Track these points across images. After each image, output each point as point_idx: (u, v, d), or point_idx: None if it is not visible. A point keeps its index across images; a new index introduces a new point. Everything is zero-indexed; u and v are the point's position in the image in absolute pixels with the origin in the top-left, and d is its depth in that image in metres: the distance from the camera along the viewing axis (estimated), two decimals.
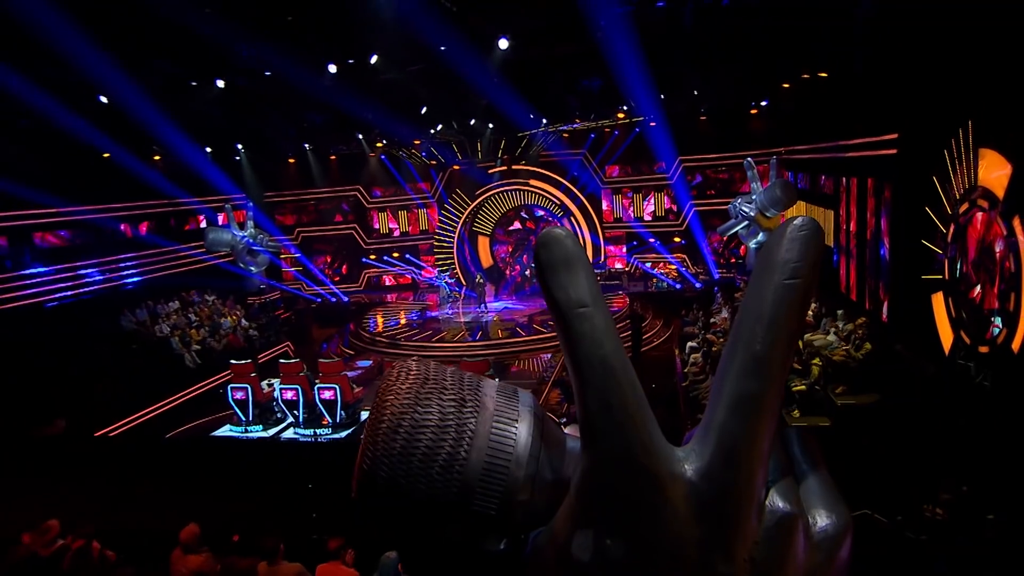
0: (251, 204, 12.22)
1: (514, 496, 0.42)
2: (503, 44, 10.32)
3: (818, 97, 12.44)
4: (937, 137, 7.55)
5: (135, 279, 15.33)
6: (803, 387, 8.41)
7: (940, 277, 7.77)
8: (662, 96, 13.92)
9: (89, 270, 14.23)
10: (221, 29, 8.61)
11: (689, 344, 11.51)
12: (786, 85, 13.48)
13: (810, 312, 9.63)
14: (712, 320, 12.46)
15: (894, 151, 8.73)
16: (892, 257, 9.15)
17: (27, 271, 12.92)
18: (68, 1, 7.34)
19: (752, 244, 14.03)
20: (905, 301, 8.77)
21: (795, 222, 0.40)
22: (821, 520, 0.40)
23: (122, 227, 15.43)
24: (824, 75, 11.43)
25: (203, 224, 17.00)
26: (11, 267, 12.73)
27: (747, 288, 0.41)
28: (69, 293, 13.67)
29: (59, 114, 10.90)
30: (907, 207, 8.51)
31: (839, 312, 9.81)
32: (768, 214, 13.20)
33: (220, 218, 15.21)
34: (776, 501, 0.39)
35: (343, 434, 9.85)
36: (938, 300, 7.88)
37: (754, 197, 13.33)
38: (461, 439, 0.42)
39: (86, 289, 14.12)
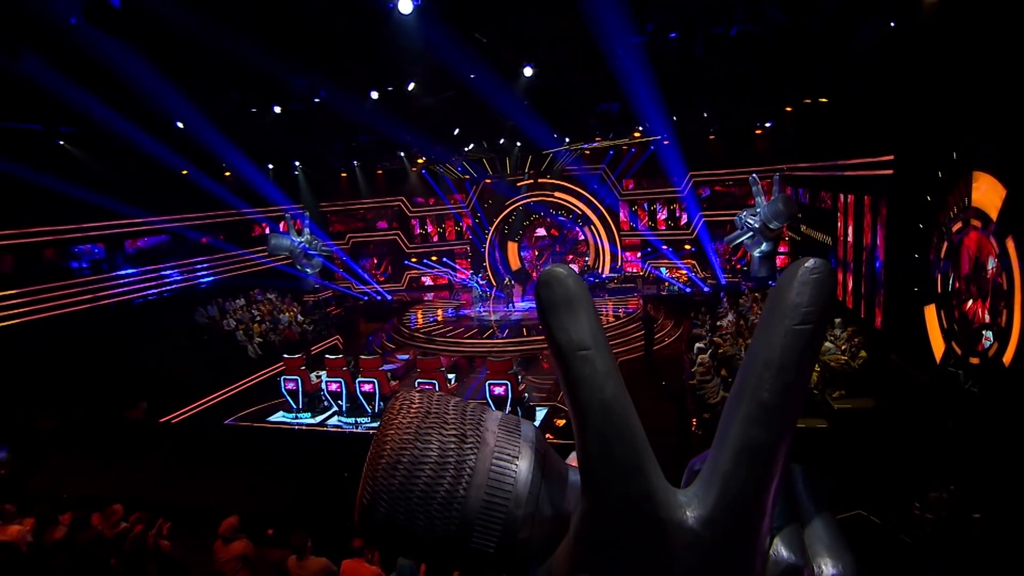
0: (306, 215, 12.41)
1: (513, 534, 0.36)
2: (528, 72, 10.20)
3: (819, 120, 11.97)
4: (932, 159, 7.15)
5: (207, 279, 15.76)
6: None
7: (932, 291, 7.37)
8: (675, 117, 13.66)
9: (169, 272, 14.69)
10: (278, 63, 8.76)
11: (697, 345, 11.22)
12: (789, 108, 13.05)
13: None
14: (719, 324, 12.12)
15: (890, 171, 8.30)
16: (887, 270, 8.72)
17: (119, 272, 13.41)
18: (149, 46, 7.57)
19: (756, 253, 13.62)
20: (899, 312, 8.35)
21: (806, 264, 0.33)
22: (827, 569, 0.34)
23: (200, 237, 15.89)
24: (824, 100, 11.00)
25: (266, 231, 17.36)
26: (107, 269, 13.25)
27: (756, 331, 0.35)
28: (153, 292, 14.14)
29: (144, 140, 11.41)
30: (902, 224, 8.09)
31: (836, 320, 9.40)
32: (772, 226, 12.79)
33: (280, 226, 15.51)
34: (780, 550, 0.33)
35: None
36: (930, 312, 7.46)
37: (758, 210, 12.90)
38: (460, 476, 0.37)
39: (166, 288, 14.59)
